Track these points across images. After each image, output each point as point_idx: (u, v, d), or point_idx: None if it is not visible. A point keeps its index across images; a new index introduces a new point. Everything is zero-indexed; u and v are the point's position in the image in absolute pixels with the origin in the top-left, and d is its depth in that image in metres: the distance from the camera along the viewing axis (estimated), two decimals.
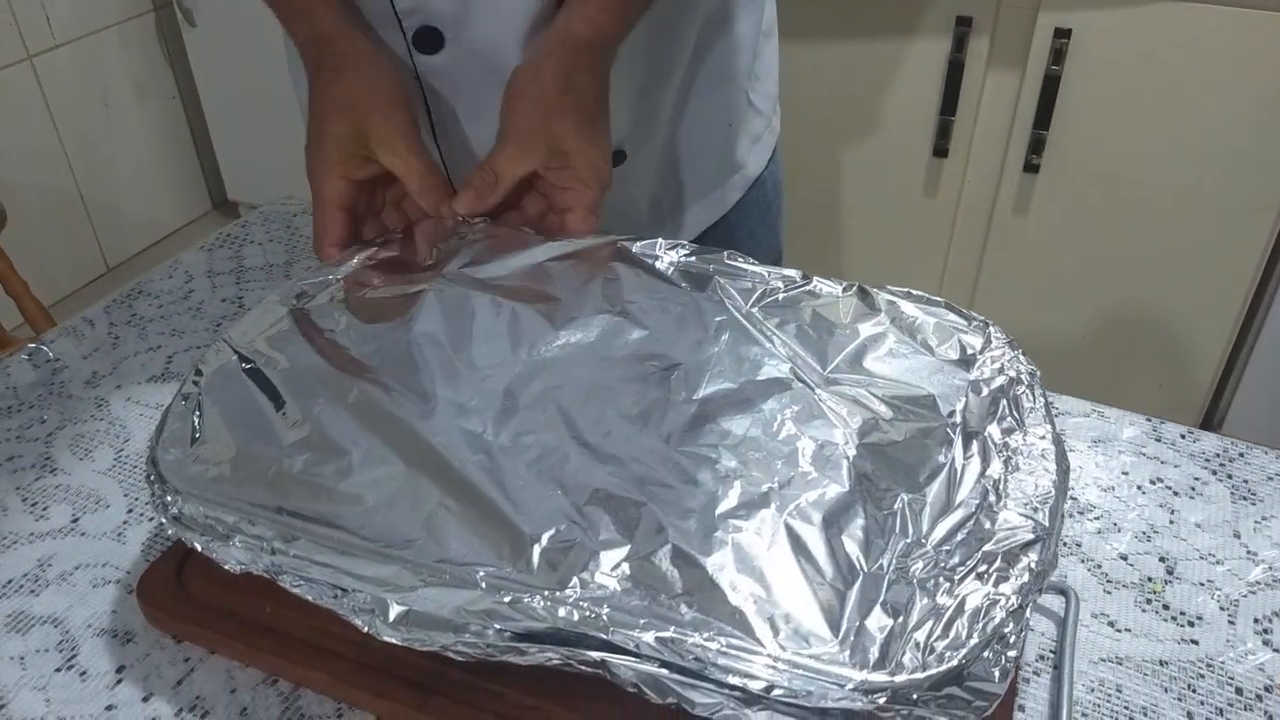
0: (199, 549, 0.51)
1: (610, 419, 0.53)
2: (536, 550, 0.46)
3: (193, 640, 0.56)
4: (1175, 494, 0.65)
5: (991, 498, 0.48)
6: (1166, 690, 0.54)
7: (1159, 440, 0.69)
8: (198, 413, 0.55)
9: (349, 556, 0.48)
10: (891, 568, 0.46)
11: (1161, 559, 0.61)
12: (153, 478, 0.52)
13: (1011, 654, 0.43)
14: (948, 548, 0.46)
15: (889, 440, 0.52)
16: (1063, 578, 0.59)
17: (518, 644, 0.45)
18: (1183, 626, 0.57)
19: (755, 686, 0.42)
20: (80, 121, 2.25)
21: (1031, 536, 0.47)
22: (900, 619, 0.44)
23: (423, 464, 0.51)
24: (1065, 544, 0.62)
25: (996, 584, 0.44)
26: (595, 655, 0.44)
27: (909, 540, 0.47)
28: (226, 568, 0.50)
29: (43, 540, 0.63)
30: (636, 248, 0.64)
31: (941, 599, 0.44)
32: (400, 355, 0.58)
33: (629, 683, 0.44)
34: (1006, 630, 0.43)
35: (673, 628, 0.43)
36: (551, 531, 0.47)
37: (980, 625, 0.43)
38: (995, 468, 0.50)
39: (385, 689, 0.52)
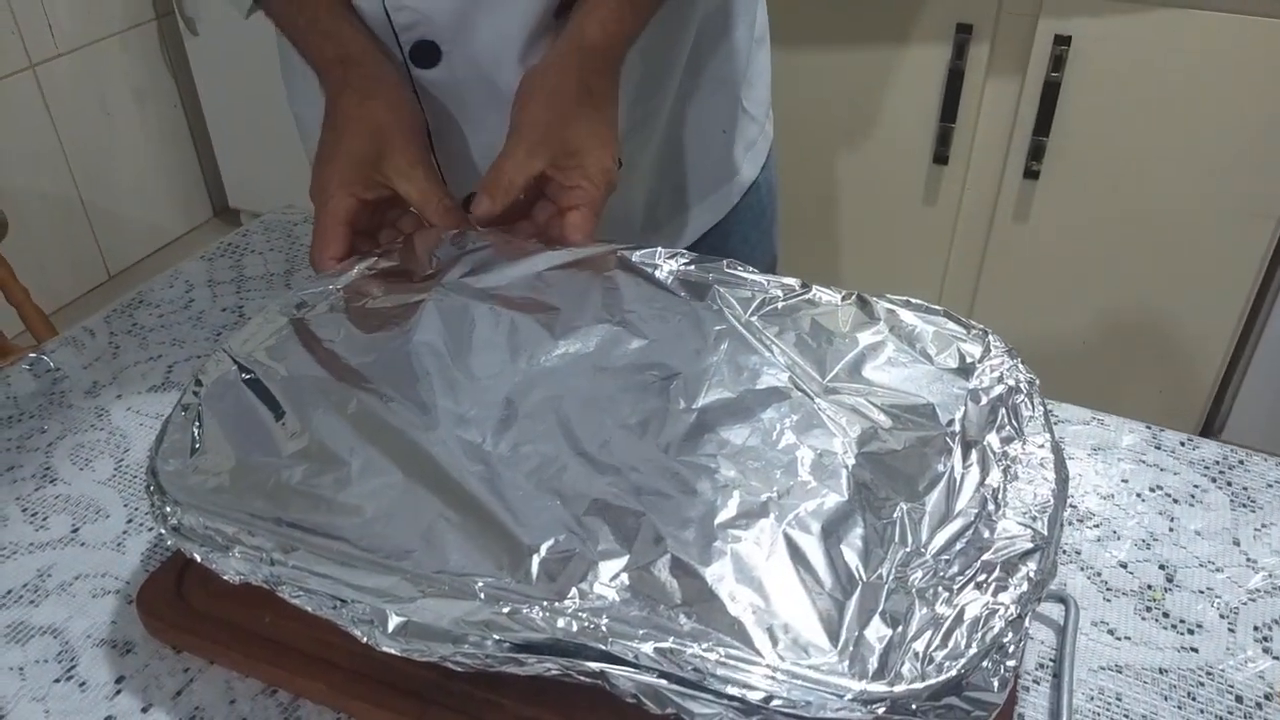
0: (198, 559, 0.51)
1: (609, 429, 0.53)
2: (535, 561, 0.46)
3: (192, 651, 0.56)
4: (1175, 501, 0.65)
5: (990, 507, 0.48)
6: (1166, 698, 0.54)
7: (1158, 448, 0.69)
8: (197, 423, 0.55)
9: (348, 567, 0.48)
10: (890, 577, 0.46)
11: (1161, 567, 0.61)
12: (152, 488, 0.52)
13: (1010, 663, 0.43)
14: (947, 557, 0.46)
15: (888, 449, 0.52)
16: (1062, 586, 0.59)
17: (516, 655, 0.45)
18: (1182, 634, 0.57)
19: (754, 697, 0.42)
20: (82, 129, 2.26)
21: (1030, 545, 0.46)
22: (899, 629, 0.43)
23: (422, 474, 0.51)
24: (1065, 552, 0.62)
25: (995, 593, 0.44)
26: (594, 666, 0.44)
27: (908, 550, 0.47)
28: (226, 578, 0.50)
29: (42, 550, 0.63)
30: (636, 257, 0.65)
31: (940, 608, 0.44)
32: (400, 365, 0.58)
33: (628, 693, 0.44)
34: (1005, 640, 0.43)
35: (672, 638, 0.43)
36: (550, 542, 0.47)
37: (979, 635, 0.43)
38: (994, 476, 0.50)
39: (384, 699, 0.52)
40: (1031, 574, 0.45)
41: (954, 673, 0.42)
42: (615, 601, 0.45)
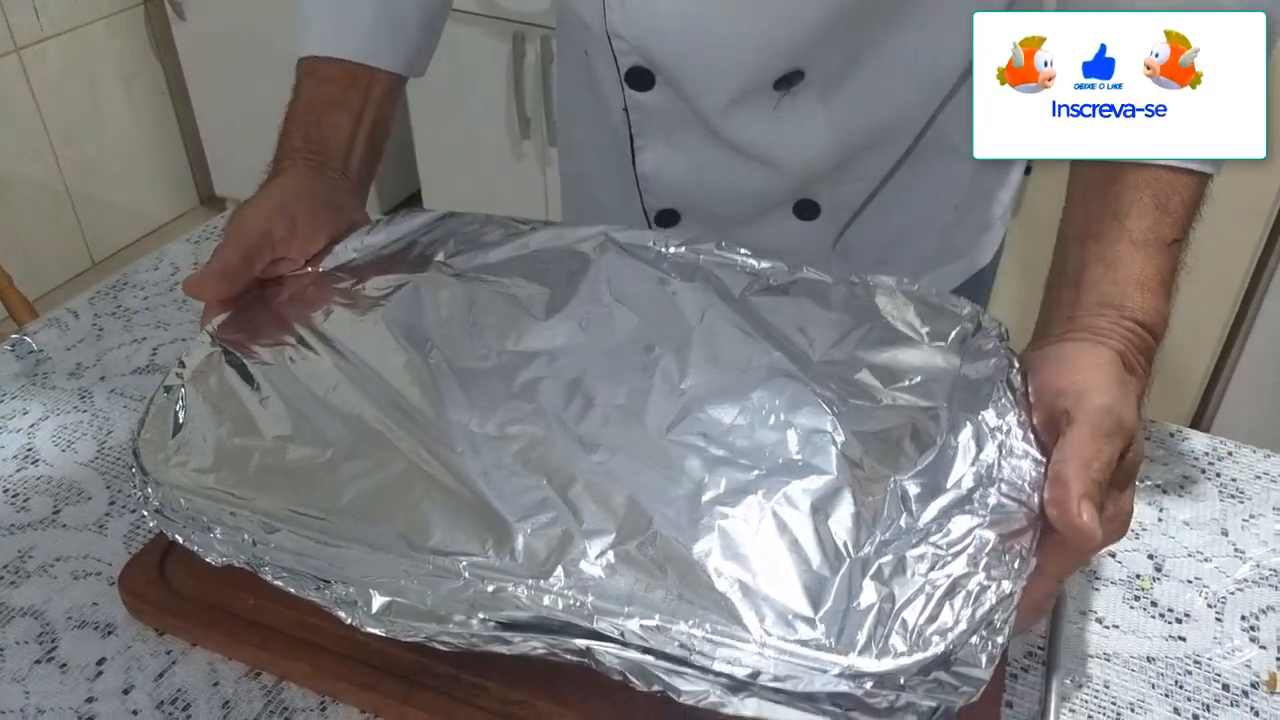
0: (180, 541, 0.50)
1: (597, 409, 0.53)
2: (520, 539, 0.46)
3: (175, 633, 0.56)
4: (1164, 492, 0.65)
5: (984, 483, 0.48)
6: (1154, 686, 0.54)
7: (1148, 439, 0.69)
8: (180, 405, 0.54)
9: (331, 548, 0.47)
10: (879, 553, 0.45)
11: (1150, 556, 0.61)
12: (135, 470, 0.52)
13: (1000, 640, 0.43)
14: (937, 534, 0.46)
15: (879, 427, 0.51)
16: None
17: (502, 634, 0.44)
18: (1170, 623, 0.57)
19: (741, 673, 0.42)
20: (68, 115, 2.24)
21: (1024, 522, 0.46)
22: (888, 604, 0.43)
23: (405, 456, 0.51)
24: None
25: (987, 569, 0.44)
26: (580, 644, 0.44)
27: (898, 526, 0.47)
28: (208, 560, 0.50)
29: (23, 532, 0.62)
30: (625, 238, 0.64)
31: (930, 584, 0.44)
32: (384, 348, 0.57)
33: (614, 671, 0.44)
34: (995, 617, 0.43)
35: (657, 615, 0.43)
36: (536, 520, 0.47)
37: (969, 611, 0.43)
38: (989, 452, 0.49)
39: (369, 682, 0.51)
40: (1024, 550, 0.45)
41: (942, 648, 0.41)
42: (601, 579, 0.44)
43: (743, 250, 0.63)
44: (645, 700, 0.44)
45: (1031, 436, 0.50)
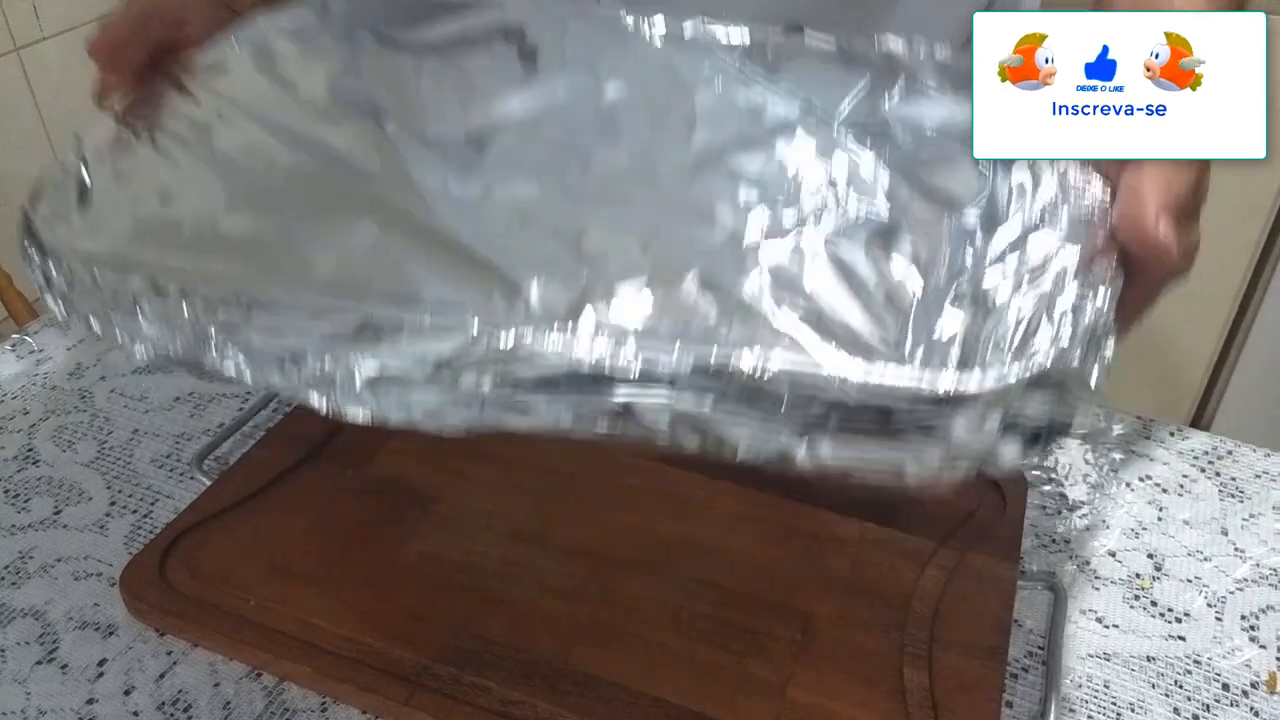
0: (96, 331, 0.41)
1: (598, 166, 0.46)
2: (534, 292, 0.38)
3: (176, 633, 0.56)
4: (1164, 491, 0.65)
5: (1049, 209, 0.42)
6: (1154, 686, 0.54)
7: (1148, 438, 0.69)
8: (85, 173, 0.46)
9: (296, 315, 0.38)
10: (952, 282, 0.40)
11: (1150, 555, 0.61)
12: (30, 248, 0.42)
13: (1109, 355, 0.37)
14: (1014, 259, 0.41)
15: (922, 170, 0.46)
16: (1050, 574, 0.59)
17: (522, 396, 0.36)
18: (1170, 623, 0.57)
19: (817, 407, 0.35)
20: (67, 115, 2.24)
21: (1102, 243, 0.40)
22: (974, 328, 0.38)
23: (374, 223, 0.43)
24: (1054, 540, 0.62)
25: (1078, 282, 0.38)
26: (620, 396, 0.36)
27: (966, 256, 0.41)
28: (137, 356, 0.40)
29: (24, 532, 0.62)
30: (596, 12, 0.55)
31: (1016, 305, 0.38)
32: (325, 116, 0.49)
33: (659, 431, 0.36)
34: (1098, 327, 0.37)
35: (715, 346, 0.35)
36: (548, 275, 0.39)
37: (1070, 321, 0.37)
38: (1048, 184, 0.44)
39: (371, 683, 0.51)
40: (1111, 270, 0.39)
41: (1049, 361, 0.35)
42: (637, 327, 0.37)
43: (734, 25, 0.54)
44: (644, 701, 0.44)
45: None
